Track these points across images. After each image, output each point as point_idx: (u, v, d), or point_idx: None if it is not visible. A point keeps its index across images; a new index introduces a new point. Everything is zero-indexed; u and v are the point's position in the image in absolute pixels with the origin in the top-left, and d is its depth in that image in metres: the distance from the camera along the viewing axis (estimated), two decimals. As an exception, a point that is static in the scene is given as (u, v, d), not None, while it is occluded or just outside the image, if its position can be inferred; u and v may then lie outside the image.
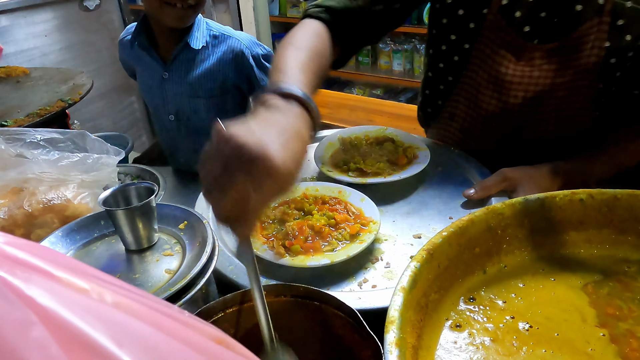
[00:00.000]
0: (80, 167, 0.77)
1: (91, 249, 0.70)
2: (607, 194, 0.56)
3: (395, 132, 1.02)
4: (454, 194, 0.88)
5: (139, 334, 0.17)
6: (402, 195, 0.89)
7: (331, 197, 0.82)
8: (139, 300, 0.19)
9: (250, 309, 0.59)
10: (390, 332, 0.42)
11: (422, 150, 0.95)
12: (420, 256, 0.49)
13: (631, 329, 0.49)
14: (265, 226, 0.75)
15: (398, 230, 0.79)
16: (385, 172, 0.90)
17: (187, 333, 0.19)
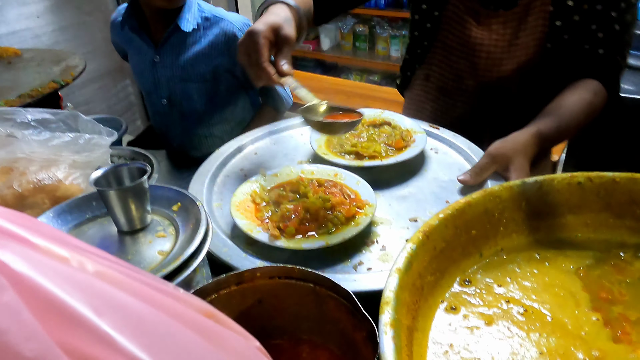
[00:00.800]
0: (72, 148, 0.75)
1: (83, 230, 0.69)
2: (605, 177, 0.55)
3: (391, 116, 1.01)
4: (451, 178, 0.88)
5: (121, 304, 0.16)
6: (399, 179, 0.88)
7: (327, 180, 0.81)
8: (124, 272, 0.18)
9: (244, 290, 0.58)
10: (385, 313, 0.41)
11: (419, 134, 0.94)
12: (416, 238, 0.49)
13: (624, 312, 0.49)
14: (260, 208, 0.74)
15: (394, 214, 0.79)
16: (382, 155, 0.89)
17: (175, 306, 0.18)
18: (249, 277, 0.57)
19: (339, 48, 3.37)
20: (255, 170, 0.89)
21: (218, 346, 0.18)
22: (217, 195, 0.83)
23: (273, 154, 0.95)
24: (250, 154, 0.95)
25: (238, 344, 0.20)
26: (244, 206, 0.73)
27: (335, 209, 0.74)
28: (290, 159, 0.94)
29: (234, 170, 0.90)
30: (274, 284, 0.58)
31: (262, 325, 0.61)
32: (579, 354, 0.45)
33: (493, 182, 0.83)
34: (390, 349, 0.38)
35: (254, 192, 0.77)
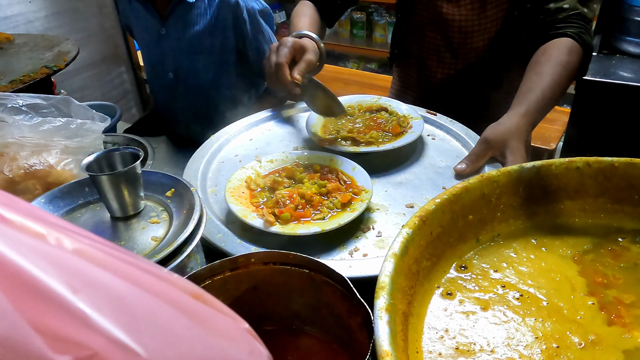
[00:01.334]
0: (64, 133, 0.74)
1: (75, 216, 0.68)
2: (604, 162, 0.55)
3: (388, 102, 1.00)
4: (448, 164, 0.87)
5: (100, 282, 0.15)
6: (395, 165, 0.87)
7: (323, 166, 0.80)
8: (106, 251, 0.18)
9: (238, 276, 0.58)
10: (380, 298, 0.40)
11: (416, 120, 0.93)
12: (412, 223, 0.48)
13: (619, 296, 0.48)
14: (255, 194, 0.73)
15: (390, 200, 0.78)
16: (379, 141, 0.88)
17: (160, 286, 0.18)
18: (244, 263, 0.57)
19: (336, 35, 3.34)
20: (250, 156, 0.88)
21: (204, 326, 0.18)
22: (211, 181, 0.82)
23: (268, 140, 0.95)
24: (245, 140, 0.94)
25: (226, 325, 0.19)
26: (238, 192, 0.73)
27: (330, 195, 0.73)
28: (285, 145, 0.93)
29: (229, 157, 0.89)
30: (269, 270, 0.58)
31: (257, 311, 0.61)
32: (574, 339, 0.44)
33: (490, 167, 0.83)
34: (385, 333, 0.37)
35: (249, 178, 0.76)
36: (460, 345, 0.43)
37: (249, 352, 0.19)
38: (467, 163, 0.83)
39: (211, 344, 0.17)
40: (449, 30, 1.09)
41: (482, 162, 0.83)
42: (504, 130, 0.82)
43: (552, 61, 0.90)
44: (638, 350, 0.44)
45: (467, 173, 0.82)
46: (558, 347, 0.43)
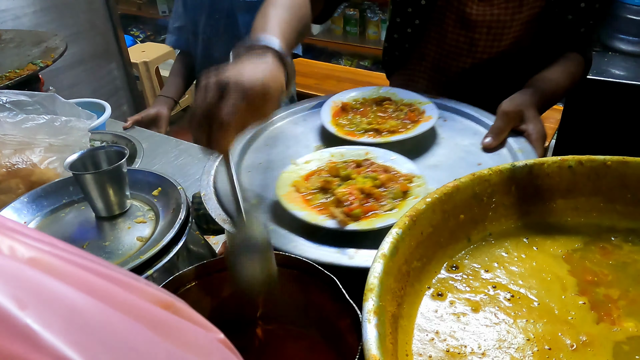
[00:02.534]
0: (47, 130, 0.72)
1: (59, 215, 0.67)
2: (597, 160, 0.54)
3: (390, 90, 1.00)
4: (471, 142, 0.87)
5: (53, 295, 0.14)
6: (421, 151, 0.86)
7: (363, 160, 0.78)
8: (68, 260, 0.17)
9: (225, 277, 0.56)
10: (369, 300, 0.39)
11: (426, 104, 0.93)
12: (402, 222, 0.47)
13: (608, 293, 0.48)
14: (310, 199, 0.70)
15: (434, 182, 0.75)
16: (399, 130, 0.87)
17: (126, 297, 0.16)
18: (231, 264, 0.56)
19: (330, 32, 3.32)
20: (275, 161, 0.85)
21: (171, 339, 0.16)
22: (249, 193, 0.77)
23: (285, 143, 0.91)
24: (262, 146, 0.90)
25: (197, 337, 0.18)
26: (291, 198, 0.69)
27: (386, 186, 0.71)
28: (304, 145, 0.90)
29: (253, 165, 0.84)
30: (257, 271, 0.56)
31: (245, 312, 0.60)
32: (566, 340, 0.44)
33: (512, 138, 0.85)
34: (373, 337, 0.36)
35: (296, 182, 0.73)
36: (451, 348, 0.43)
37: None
38: (493, 137, 0.85)
39: (178, 359, 0.16)
40: (477, 32, 1.01)
41: (505, 134, 0.85)
42: (520, 103, 0.86)
43: (561, 68, 0.97)
44: (628, 339, 0.44)
45: (494, 146, 0.85)
46: (550, 349, 0.42)
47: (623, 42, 1.65)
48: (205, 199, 0.72)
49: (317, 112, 0.97)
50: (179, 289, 0.53)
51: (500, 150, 0.84)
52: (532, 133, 0.83)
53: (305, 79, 2.70)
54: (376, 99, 0.99)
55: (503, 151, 0.84)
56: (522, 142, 0.84)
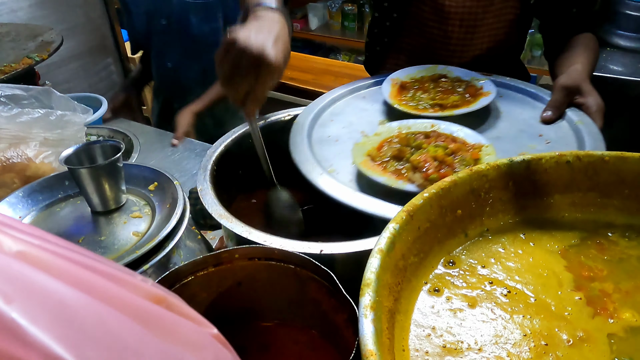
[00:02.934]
0: (43, 125, 0.72)
1: (54, 210, 0.66)
2: (594, 156, 0.54)
3: (447, 68, 1.01)
4: (530, 115, 0.89)
5: (41, 289, 0.14)
6: (484, 123, 0.88)
7: (431, 131, 0.81)
8: (59, 254, 0.16)
9: (222, 272, 0.56)
10: (365, 295, 0.39)
11: (482, 81, 0.95)
12: (399, 217, 0.47)
13: (603, 286, 0.48)
14: (385, 166, 0.73)
15: (501, 152, 0.76)
16: (463, 104, 0.89)
17: (117, 292, 0.16)
18: (228, 259, 0.56)
19: (328, 28, 3.30)
20: (343, 135, 0.87)
21: (163, 334, 0.16)
22: (325, 163, 0.79)
23: (348, 119, 0.93)
24: (327, 122, 0.92)
25: (190, 332, 0.18)
26: (368, 165, 0.73)
27: (457, 154, 0.73)
28: (368, 121, 0.92)
29: (323, 139, 0.87)
30: (254, 266, 0.56)
31: (242, 308, 0.59)
32: (563, 336, 0.44)
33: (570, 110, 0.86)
34: (370, 332, 0.36)
35: (369, 152, 0.76)
36: (448, 344, 0.43)
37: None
38: (552, 110, 0.86)
39: (170, 354, 0.16)
40: (450, 24, 1.04)
41: (564, 107, 0.87)
42: (576, 77, 0.88)
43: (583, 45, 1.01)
44: (624, 331, 0.44)
45: (554, 120, 0.86)
46: (547, 344, 0.42)
47: (622, 38, 1.65)
48: (202, 194, 0.71)
49: (374, 91, 1.00)
50: (175, 284, 0.53)
51: (559, 123, 0.86)
52: (592, 105, 0.85)
53: (303, 74, 2.70)
54: (433, 76, 1.01)
55: (562, 123, 0.86)
56: (581, 115, 0.85)
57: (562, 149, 0.78)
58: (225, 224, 0.65)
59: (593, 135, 0.79)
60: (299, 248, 0.59)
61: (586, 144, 0.77)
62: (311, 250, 0.59)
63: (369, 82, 1.04)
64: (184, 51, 1.48)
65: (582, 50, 1.00)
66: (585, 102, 0.86)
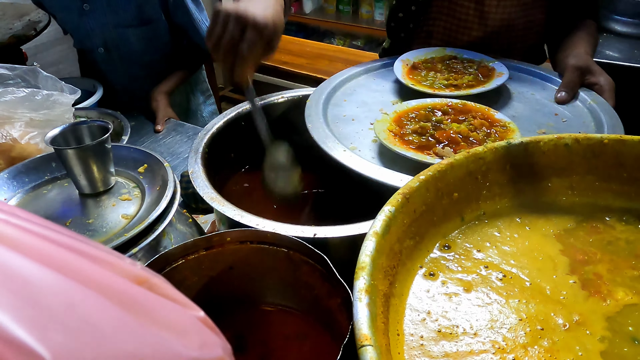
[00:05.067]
0: (28, 105, 0.69)
1: (41, 192, 0.65)
2: (593, 139, 0.53)
3: (455, 51, 1.01)
4: (543, 96, 0.89)
5: (5, 267, 0.12)
6: (496, 104, 0.88)
7: (451, 107, 0.81)
8: (32, 232, 0.15)
9: (213, 255, 0.55)
10: (360, 279, 0.38)
11: (493, 62, 0.95)
12: (395, 200, 0.46)
13: (596, 269, 0.47)
14: (408, 141, 0.73)
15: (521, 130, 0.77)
16: (477, 84, 0.89)
17: (94, 271, 0.15)
18: (219, 242, 0.54)
19: (322, 11, 3.26)
20: (358, 113, 0.87)
21: (143, 317, 0.15)
22: (345, 141, 0.78)
23: (362, 99, 0.92)
24: (340, 102, 0.91)
25: (173, 315, 0.17)
26: (392, 141, 0.72)
27: (479, 130, 0.73)
28: (381, 101, 0.91)
29: (339, 117, 0.86)
30: (246, 249, 0.55)
31: (234, 292, 0.59)
32: (558, 320, 0.43)
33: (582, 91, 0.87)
34: (364, 316, 0.35)
35: (391, 128, 0.76)
36: (443, 328, 0.42)
37: (199, 345, 0.16)
38: (567, 91, 0.86)
39: (149, 338, 0.15)
40: (486, 3, 1.00)
41: (577, 88, 0.87)
42: (585, 58, 0.89)
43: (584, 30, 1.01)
44: (621, 310, 0.43)
45: (569, 100, 0.86)
46: (542, 329, 0.42)
47: (618, 24, 1.63)
48: (193, 176, 0.70)
49: (384, 72, 1.00)
50: (165, 268, 0.52)
51: (573, 103, 0.86)
52: (604, 84, 0.86)
53: (297, 59, 2.66)
54: (443, 57, 1.01)
55: (576, 103, 0.86)
56: (594, 95, 0.86)
57: (579, 127, 0.79)
58: (216, 207, 0.64)
59: (609, 113, 0.80)
60: (292, 232, 0.58)
61: (604, 122, 0.78)
62: (305, 233, 0.58)
63: (378, 64, 1.04)
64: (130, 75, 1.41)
65: (585, 35, 1.00)
66: (598, 81, 0.87)
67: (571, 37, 1.00)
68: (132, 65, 1.39)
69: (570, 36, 1.01)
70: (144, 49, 1.37)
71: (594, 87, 0.87)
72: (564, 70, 0.89)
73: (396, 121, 0.78)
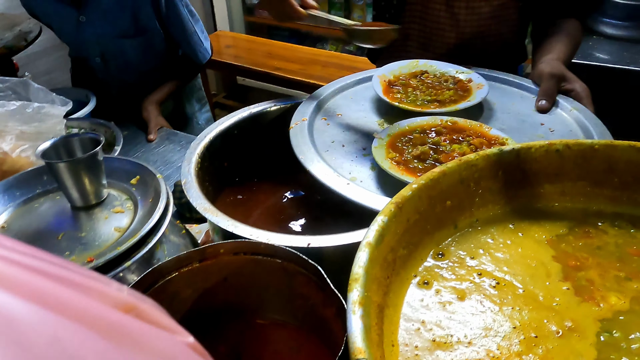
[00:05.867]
0: (19, 117, 0.69)
1: (33, 206, 0.64)
2: (584, 144, 0.53)
3: (428, 63, 1.00)
4: (524, 105, 0.89)
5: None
6: (484, 116, 0.87)
7: (444, 126, 0.79)
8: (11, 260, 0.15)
9: (207, 267, 0.55)
10: (354, 291, 0.38)
11: (468, 73, 0.95)
12: (388, 210, 0.46)
13: (589, 276, 0.48)
14: (410, 168, 0.71)
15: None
16: (460, 98, 0.88)
17: (79, 301, 0.15)
18: (212, 254, 0.54)
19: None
20: (347, 138, 0.83)
21: (131, 347, 0.15)
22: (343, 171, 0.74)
23: (346, 122, 0.88)
24: (323, 127, 0.87)
25: (161, 342, 0.17)
26: (397, 169, 0.70)
27: (481, 148, 0.72)
28: (368, 122, 0.88)
29: (328, 144, 0.82)
30: (240, 261, 0.55)
31: (228, 303, 0.58)
32: (551, 326, 0.43)
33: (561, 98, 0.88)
34: (358, 328, 0.35)
35: (391, 155, 0.73)
36: (437, 338, 0.42)
37: (188, 373, 0.16)
38: (546, 99, 0.86)
39: (135, 369, 0.15)
40: (456, 6, 1.03)
41: (556, 95, 0.87)
42: (557, 65, 0.89)
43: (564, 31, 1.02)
44: (614, 315, 0.43)
45: (549, 108, 0.87)
46: (536, 336, 0.42)
47: (608, 26, 1.65)
48: (187, 187, 0.70)
49: (361, 89, 0.98)
50: (159, 281, 0.52)
51: (554, 111, 0.87)
52: (581, 91, 0.86)
53: (290, 64, 2.67)
54: (414, 72, 0.99)
55: (558, 111, 0.86)
56: (572, 101, 0.87)
57: (568, 136, 0.79)
58: (210, 217, 0.64)
59: (593, 120, 0.81)
60: (286, 242, 0.58)
61: (591, 130, 0.78)
62: (299, 243, 0.58)
63: (352, 80, 1.00)
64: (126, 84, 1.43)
65: (563, 37, 1.00)
66: (574, 88, 0.87)
67: (549, 41, 1.01)
68: (128, 74, 1.40)
69: (549, 39, 1.01)
70: (140, 59, 1.37)
71: (570, 93, 0.88)
72: (540, 78, 0.90)
73: (391, 146, 0.76)
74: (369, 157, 0.77)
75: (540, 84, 0.89)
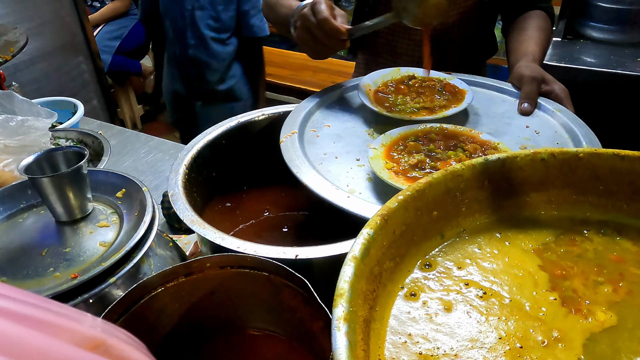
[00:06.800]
0: (2, 131, 0.68)
1: (17, 221, 0.63)
2: (569, 153, 0.54)
3: (411, 70, 1.00)
4: (506, 108, 0.90)
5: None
6: (470, 121, 0.88)
7: (435, 133, 0.80)
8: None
9: (193, 282, 0.54)
10: (339, 306, 0.38)
11: (452, 79, 0.95)
12: (374, 222, 0.46)
13: (576, 286, 0.48)
14: (410, 177, 0.70)
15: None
16: (449, 104, 0.88)
17: (42, 344, 0.14)
18: (199, 268, 0.54)
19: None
20: (339, 149, 0.82)
21: (93, 389, 0.15)
22: (340, 183, 0.73)
23: (335, 133, 0.87)
24: (313, 139, 0.85)
25: (128, 381, 0.16)
26: (398, 181, 0.69)
27: (476, 154, 0.73)
28: (356, 132, 0.87)
29: (320, 157, 0.80)
30: (226, 274, 0.55)
31: (216, 317, 0.58)
32: (537, 336, 0.43)
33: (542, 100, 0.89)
34: (343, 345, 0.35)
35: (387, 165, 0.72)
36: (424, 351, 0.42)
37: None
38: (529, 102, 0.87)
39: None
40: None
41: (537, 98, 0.89)
42: (535, 67, 0.91)
43: (534, 27, 1.04)
44: (600, 329, 0.43)
45: (532, 111, 0.88)
46: (522, 347, 0.42)
47: (595, 30, 1.67)
48: (173, 199, 0.69)
49: (347, 98, 0.97)
50: (144, 297, 0.51)
51: (537, 113, 0.88)
52: (560, 92, 0.88)
53: (281, 70, 2.67)
54: (402, 78, 1.00)
55: (541, 113, 0.87)
56: (554, 104, 0.88)
57: (554, 137, 0.81)
58: (197, 230, 0.63)
59: (575, 120, 0.82)
60: (274, 254, 0.58)
61: (575, 129, 0.79)
62: (286, 255, 0.58)
63: (336, 91, 0.99)
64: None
65: (534, 35, 1.02)
66: (553, 90, 0.89)
67: (522, 40, 1.03)
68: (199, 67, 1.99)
69: (521, 37, 1.04)
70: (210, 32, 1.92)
71: (550, 95, 0.89)
72: (520, 81, 0.91)
73: (387, 156, 0.76)
74: (363, 167, 0.77)
75: (520, 87, 0.90)
